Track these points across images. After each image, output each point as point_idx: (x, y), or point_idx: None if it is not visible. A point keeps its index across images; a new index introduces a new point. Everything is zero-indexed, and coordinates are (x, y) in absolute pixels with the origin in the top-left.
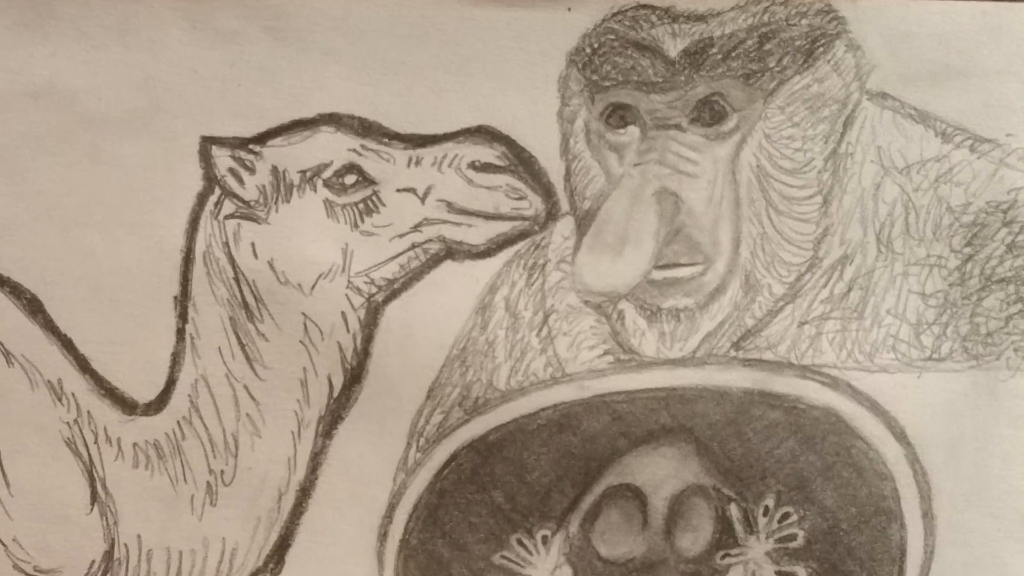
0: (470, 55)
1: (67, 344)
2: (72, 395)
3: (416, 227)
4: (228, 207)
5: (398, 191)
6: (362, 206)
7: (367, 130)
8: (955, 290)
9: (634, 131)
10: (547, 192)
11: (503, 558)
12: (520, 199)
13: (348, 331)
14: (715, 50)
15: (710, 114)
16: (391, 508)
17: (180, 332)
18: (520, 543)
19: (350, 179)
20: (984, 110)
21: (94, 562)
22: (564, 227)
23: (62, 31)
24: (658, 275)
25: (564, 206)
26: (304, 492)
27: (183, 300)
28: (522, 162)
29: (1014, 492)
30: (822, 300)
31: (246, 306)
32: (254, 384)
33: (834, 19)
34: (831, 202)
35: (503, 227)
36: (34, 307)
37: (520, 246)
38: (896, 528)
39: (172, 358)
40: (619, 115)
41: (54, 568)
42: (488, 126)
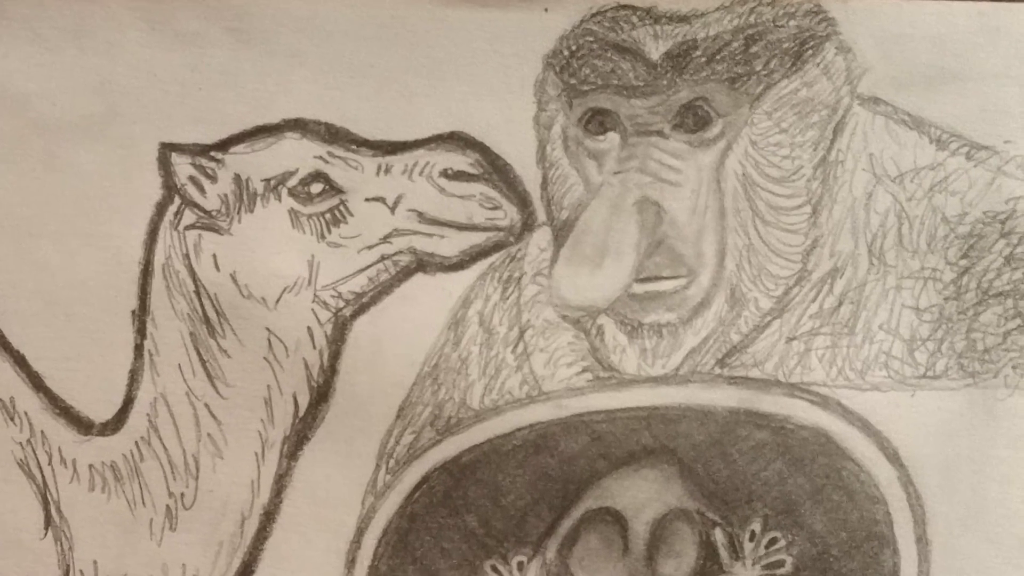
0: (442, 58)
1: (19, 360)
2: (25, 414)
3: (386, 238)
4: (188, 217)
5: (367, 200)
6: (329, 216)
7: (334, 136)
8: (950, 304)
9: (614, 138)
10: (523, 201)
11: None
12: (495, 209)
13: (314, 347)
14: (699, 53)
15: (694, 120)
16: (359, 533)
17: (138, 348)
18: (495, 569)
19: (316, 188)
20: (981, 115)
21: None
22: (541, 238)
23: (14, 32)
24: (639, 288)
25: (541, 216)
26: (268, 516)
27: (141, 315)
28: (496, 170)
29: (1012, 516)
30: (811, 315)
31: (207, 321)
32: (216, 403)
33: (823, 20)
34: (821, 212)
35: (477, 238)
36: None
37: (495, 258)
38: (889, 554)
39: (130, 375)
40: (598, 121)
41: None
42: (461, 132)
